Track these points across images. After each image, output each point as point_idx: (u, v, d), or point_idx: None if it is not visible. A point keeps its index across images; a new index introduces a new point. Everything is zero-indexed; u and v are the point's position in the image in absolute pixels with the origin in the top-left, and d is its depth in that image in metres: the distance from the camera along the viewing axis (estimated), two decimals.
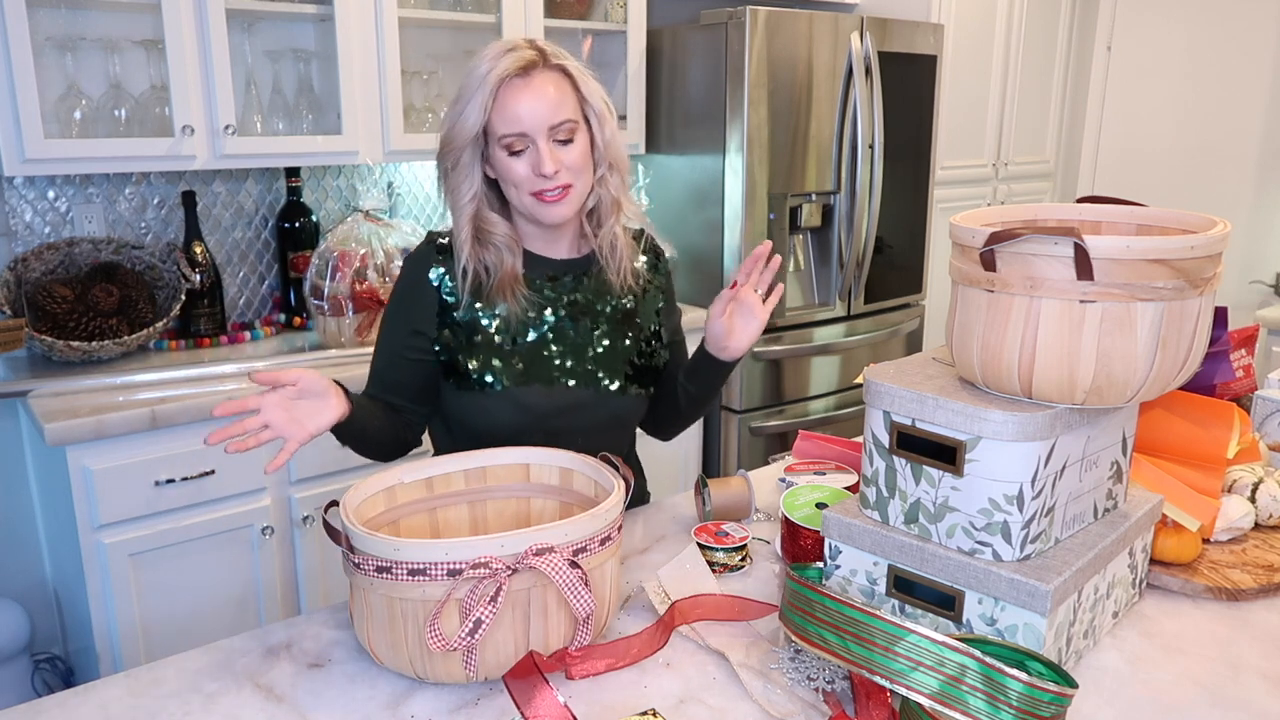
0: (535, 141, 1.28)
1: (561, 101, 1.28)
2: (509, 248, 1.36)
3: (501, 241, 1.36)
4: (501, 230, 1.36)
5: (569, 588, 1.00)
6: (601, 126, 1.34)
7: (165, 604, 2.03)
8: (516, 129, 1.27)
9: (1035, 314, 0.98)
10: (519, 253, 1.38)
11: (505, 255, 1.36)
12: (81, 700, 1.03)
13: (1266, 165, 3.77)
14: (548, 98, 1.27)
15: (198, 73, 2.20)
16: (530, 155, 1.28)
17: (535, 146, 1.28)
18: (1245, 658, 1.11)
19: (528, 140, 1.28)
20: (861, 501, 1.15)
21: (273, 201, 2.63)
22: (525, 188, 1.30)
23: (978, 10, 3.53)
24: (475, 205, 1.34)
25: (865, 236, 3.03)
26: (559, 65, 1.30)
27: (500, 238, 1.36)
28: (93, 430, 1.88)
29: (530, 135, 1.27)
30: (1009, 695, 0.84)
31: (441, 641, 0.98)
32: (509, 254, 1.36)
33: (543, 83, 1.28)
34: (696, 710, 1.01)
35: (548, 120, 1.27)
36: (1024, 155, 3.92)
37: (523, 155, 1.29)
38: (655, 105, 3.05)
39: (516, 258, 1.37)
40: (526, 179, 1.29)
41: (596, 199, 1.39)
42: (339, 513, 1.07)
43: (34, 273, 2.24)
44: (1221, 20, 3.79)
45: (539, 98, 1.27)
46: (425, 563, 0.99)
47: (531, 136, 1.27)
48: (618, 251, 1.43)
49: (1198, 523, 1.27)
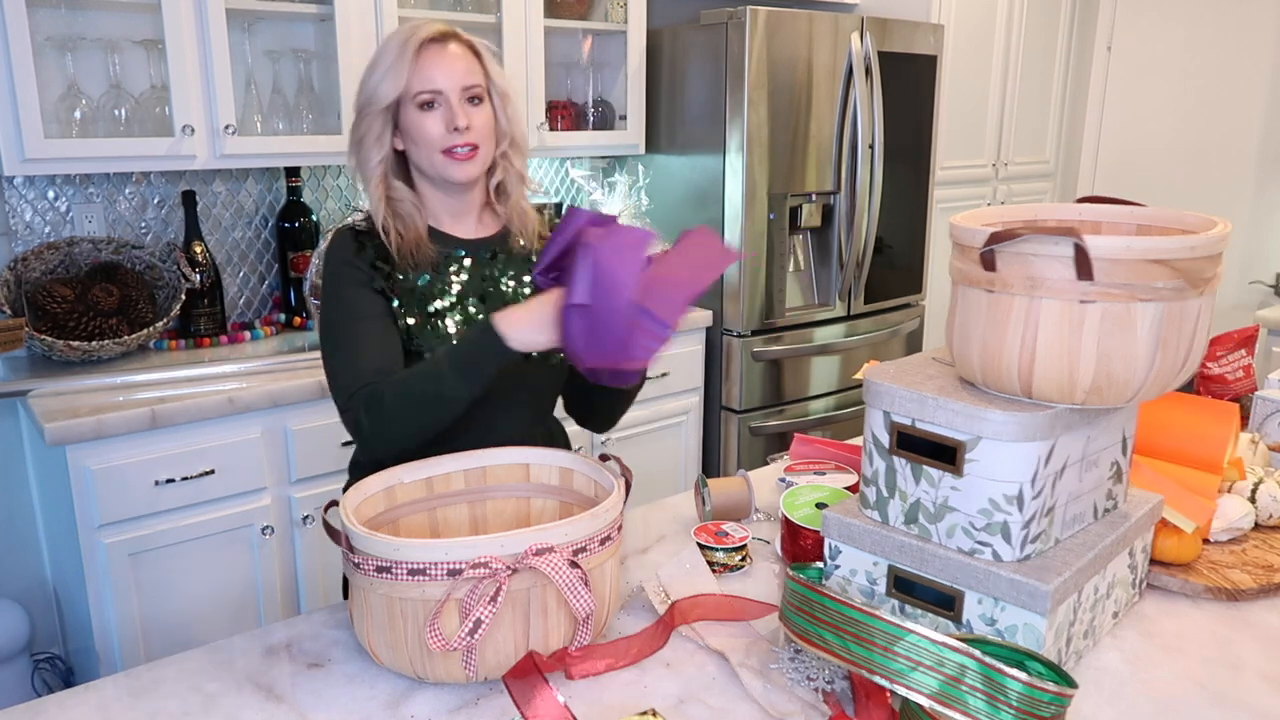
0: (449, 99, 1.36)
1: (471, 69, 1.39)
2: (411, 214, 1.42)
3: (406, 209, 1.41)
4: (405, 196, 1.42)
5: (569, 588, 1.00)
6: (504, 104, 1.43)
7: (165, 604, 2.03)
8: (430, 86, 1.35)
9: (1035, 314, 0.98)
10: (424, 220, 1.43)
11: (409, 221, 1.41)
12: (81, 700, 1.03)
13: (1266, 165, 3.77)
14: (461, 62, 1.38)
15: (198, 73, 2.20)
16: (444, 112, 1.36)
17: (449, 104, 1.36)
18: (1245, 658, 1.11)
19: (441, 97, 1.36)
20: (861, 501, 1.15)
21: (273, 201, 2.63)
22: (437, 145, 1.37)
23: (978, 10, 3.53)
24: (384, 169, 1.40)
25: (865, 236, 3.03)
26: (468, 42, 1.41)
27: (404, 204, 1.41)
28: (93, 430, 1.88)
29: (445, 93, 1.36)
30: (1009, 695, 0.84)
31: (441, 641, 0.98)
32: (411, 219, 1.41)
33: (457, 50, 1.39)
34: (696, 710, 1.01)
35: (461, 81, 1.36)
36: (1024, 155, 3.92)
37: (435, 112, 1.36)
38: (655, 105, 3.05)
39: (420, 223, 1.42)
40: (439, 137, 1.36)
41: (503, 173, 1.46)
42: (339, 512, 1.07)
43: (34, 272, 2.24)
44: (1221, 20, 3.79)
45: (453, 60, 1.37)
46: (425, 563, 0.99)
47: (446, 94, 1.36)
48: (528, 221, 1.50)
49: (1194, 524, 1.27)
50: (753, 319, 2.90)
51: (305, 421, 2.13)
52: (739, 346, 2.90)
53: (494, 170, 1.46)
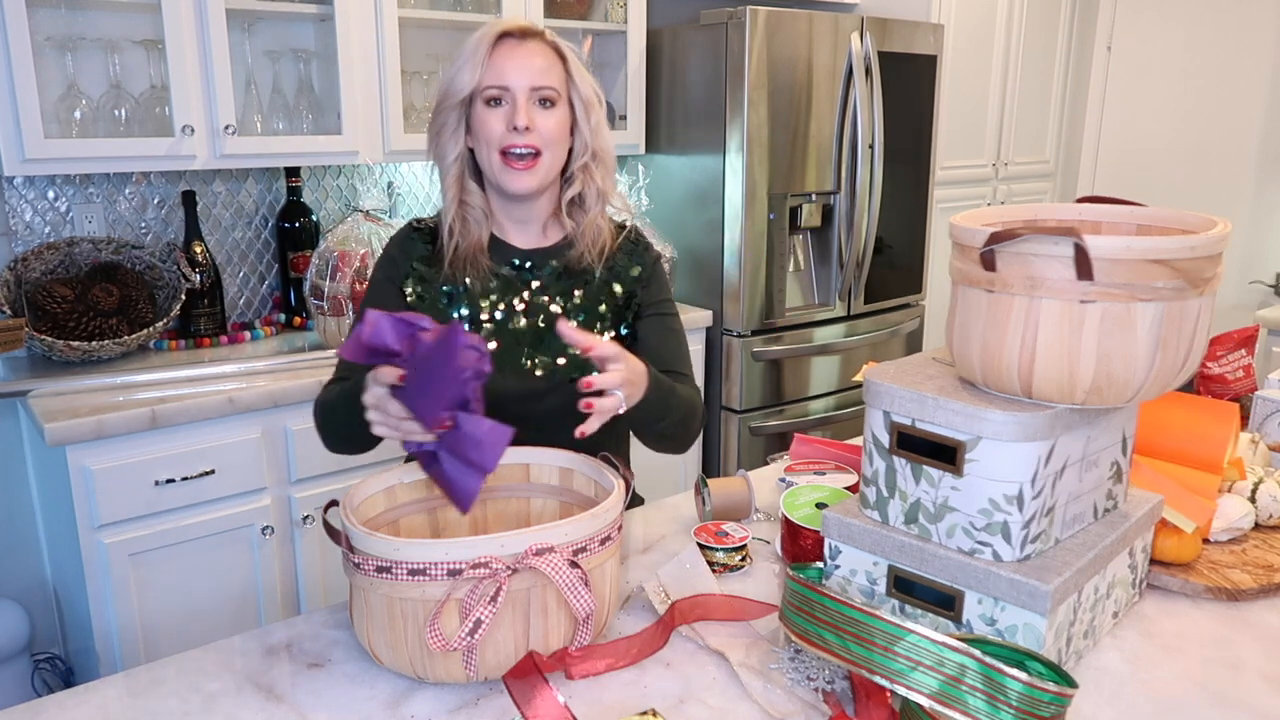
0: (515, 96, 1.29)
1: (548, 70, 1.31)
2: (479, 221, 1.38)
3: (474, 215, 1.37)
4: (478, 201, 1.37)
5: (569, 588, 1.00)
6: (587, 113, 1.35)
7: (165, 604, 2.03)
8: (499, 81, 1.29)
9: (1035, 314, 0.98)
10: (488, 229, 1.39)
11: (473, 227, 1.37)
12: (81, 700, 1.03)
13: (1266, 165, 3.77)
14: (537, 60, 1.30)
15: (198, 73, 2.20)
16: (507, 109, 1.30)
17: (514, 101, 1.29)
18: (1245, 658, 1.11)
19: (509, 94, 1.29)
20: (861, 501, 1.15)
21: (273, 201, 2.63)
22: (495, 144, 1.31)
23: (978, 10, 3.53)
24: (460, 167, 1.36)
25: (865, 236, 3.03)
26: (555, 44, 1.34)
27: (475, 210, 1.37)
28: (93, 430, 1.88)
29: (512, 90, 1.29)
30: (1009, 695, 0.84)
31: (441, 641, 0.98)
32: (477, 226, 1.37)
33: (535, 48, 1.31)
34: (696, 710, 1.01)
35: (531, 80, 1.29)
36: (1024, 155, 3.92)
37: (500, 108, 1.30)
38: (655, 105, 3.05)
39: (484, 231, 1.38)
40: (499, 135, 1.30)
41: (581, 186, 1.39)
42: (339, 512, 1.07)
43: (34, 273, 2.24)
44: (1221, 20, 3.79)
45: (529, 57, 1.30)
46: (425, 563, 0.99)
47: (513, 91, 1.29)
48: (600, 240, 1.42)
49: (1193, 524, 1.27)
50: (753, 319, 2.90)
51: (305, 421, 2.13)
52: (739, 346, 2.90)
53: (571, 182, 1.39)
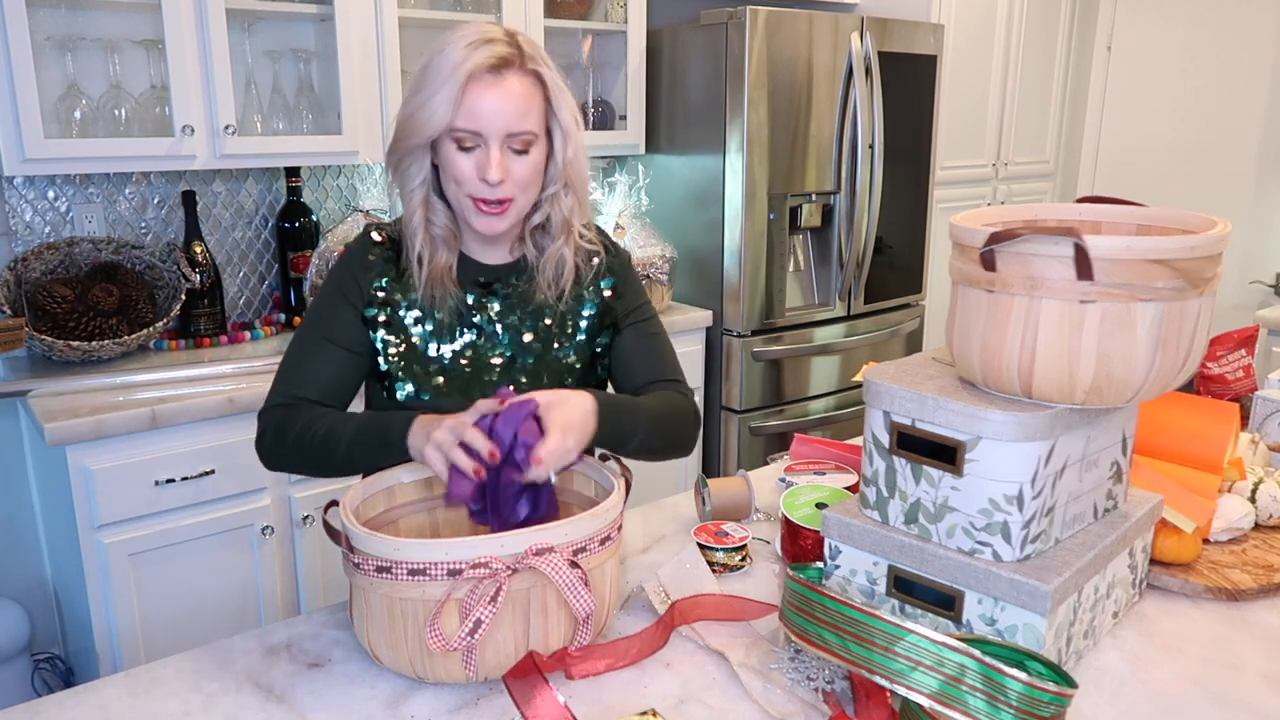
0: (488, 143, 1.21)
1: (528, 111, 1.22)
2: (446, 242, 1.31)
3: (440, 234, 1.30)
4: (443, 221, 1.30)
5: (569, 588, 1.00)
6: (565, 143, 1.27)
7: (165, 604, 2.03)
8: (472, 126, 1.20)
9: (1035, 314, 0.98)
10: (455, 250, 1.33)
11: (440, 249, 1.30)
12: (81, 700, 1.03)
13: (1266, 165, 3.77)
14: (513, 102, 1.20)
15: (198, 73, 2.20)
16: (479, 155, 1.22)
17: (486, 148, 1.21)
18: (1245, 658, 1.11)
19: (480, 140, 1.21)
20: (861, 501, 1.15)
21: (273, 201, 2.63)
22: (465, 187, 1.24)
23: (978, 10, 3.53)
24: (425, 190, 1.28)
25: (865, 236, 3.03)
26: (535, 71, 1.23)
27: (440, 229, 1.30)
28: (92, 430, 1.88)
29: (485, 135, 1.20)
30: (1009, 695, 0.84)
31: (441, 641, 0.98)
32: (444, 249, 1.30)
33: (513, 85, 1.21)
34: (696, 710, 1.01)
35: (507, 127, 1.20)
36: (1024, 155, 3.92)
37: (471, 153, 1.22)
38: (655, 105, 3.05)
39: (452, 254, 1.32)
40: (469, 179, 1.23)
41: (545, 216, 1.32)
42: (339, 513, 1.07)
43: (34, 272, 2.24)
44: (1221, 20, 3.79)
45: (505, 99, 1.20)
46: (425, 563, 0.99)
47: (486, 138, 1.21)
48: (562, 275, 1.35)
49: (1194, 524, 1.27)
50: (753, 319, 2.90)
51: None
52: (739, 346, 2.90)
53: (538, 208, 1.31)
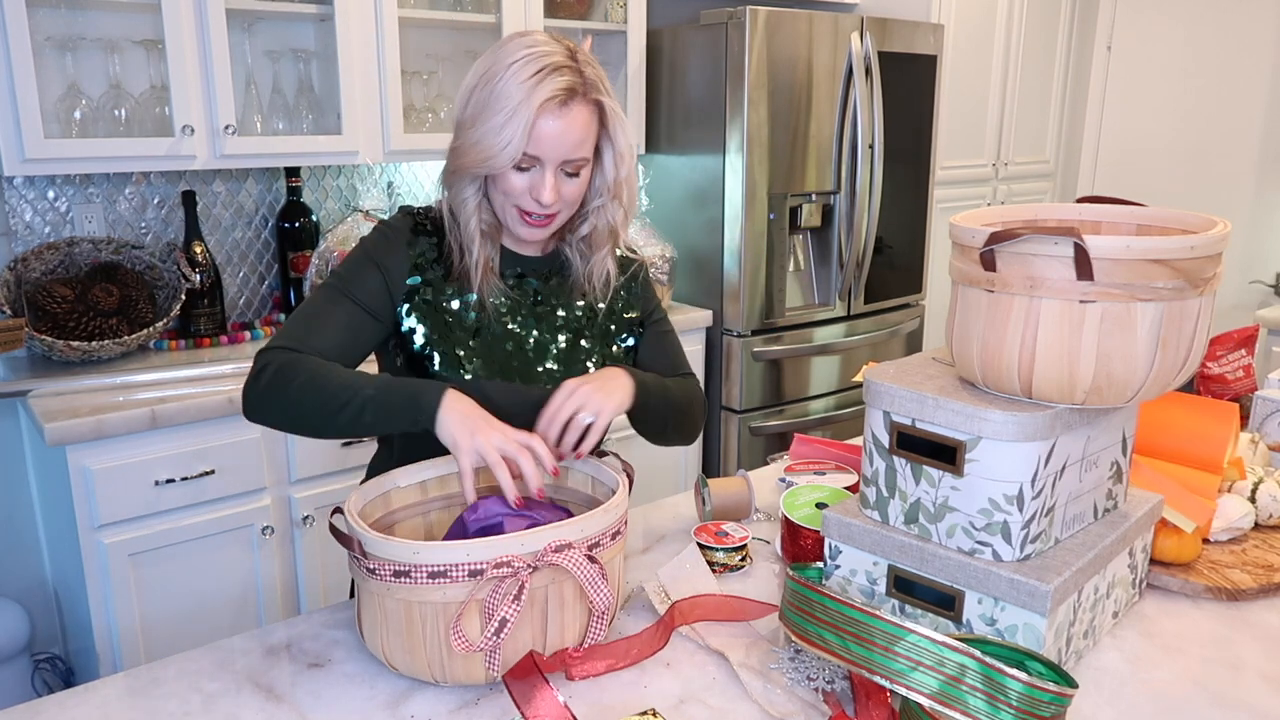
0: (544, 167, 1.26)
1: (585, 140, 1.27)
2: (490, 236, 1.35)
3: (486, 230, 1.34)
4: (489, 218, 1.34)
5: (590, 583, 1.01)
6: (618, 165, 1.33)
7: (165, 604, 2.03)
8: (533, 152, 1.24)
9: (1035, 314, 0.98)
10: (498, 243, 1.37)
11: (485, 242, 1.34)
12: (81, 700, 1.03)
13: (1266, 165, 3.77)
14: (575, 133, 1.25)
15: (198, 73, 2.20)
16: (534, 176, 1.26)
17: (542, 170, 1.26)
18: (1245, 658, 1.11)
19: (539, 164, 1.26)
20: (861, 501, 1.15)
21: (273, 201, 2.63)
22: (514, 200, 1.28)
23: (978, 10, 3.53)
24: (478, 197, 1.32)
25: (865, 236, 3.03)
26: (596, 100, 1.27)
27: (486, 225, 1.34)
28: (93, 430, 1.88)
29: (543, 161, 1.25)
30: (1009, 695, 0.84)
31: (465, 643, 0.98)
32: (489, 242, 1.34)
33: (577, 117, 1.25)
34: (696, 710, 1.01)
35: (566, 155, 1.25)
36: (1024, 155, 3.92)
37: (525, 173, 1.27)
38: (655, 105, 3.05)
39: (495, 248, 1.36)
40: (521, 195, 1.27)
41: (592, 226, 1.37)
42: (346, 519, 1.06)
43: (34, 273, 2.24)
44: (1221, 19, 3.79)
45: (568, 130, 1.24)
46: (446, 565, 0.98)
47: (544, 163, 1.25)
48: (605, 283, 1.40)
49: (1194, 524, 1.27)
50: (753, 319, 2.90)
51: None
52: (739, 346, 2.90)
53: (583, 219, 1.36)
